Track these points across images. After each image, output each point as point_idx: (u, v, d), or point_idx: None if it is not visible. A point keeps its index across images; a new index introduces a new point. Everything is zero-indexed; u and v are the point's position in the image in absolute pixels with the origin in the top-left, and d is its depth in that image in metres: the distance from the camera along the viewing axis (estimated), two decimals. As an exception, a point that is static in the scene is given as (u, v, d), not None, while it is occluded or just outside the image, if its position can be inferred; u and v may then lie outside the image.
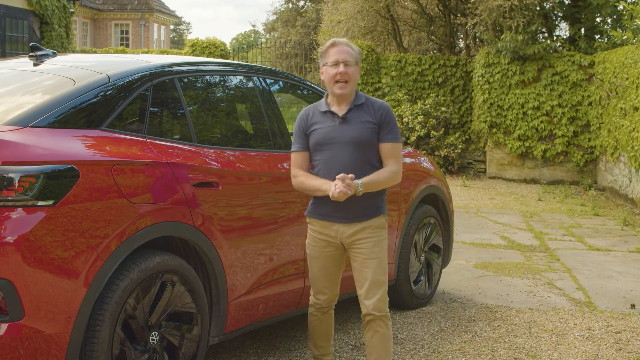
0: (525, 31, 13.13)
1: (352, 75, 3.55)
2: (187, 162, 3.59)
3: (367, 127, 3.55)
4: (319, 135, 3.59)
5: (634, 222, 9.62)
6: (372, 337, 3.56)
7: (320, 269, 3.68)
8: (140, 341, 3.32)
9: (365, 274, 3.55)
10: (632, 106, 10.69)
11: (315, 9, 33.33)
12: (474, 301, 5.72)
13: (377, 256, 3.56)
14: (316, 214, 3.63)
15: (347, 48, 3.58)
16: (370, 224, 3.57)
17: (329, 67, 3.57)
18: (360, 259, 3.56)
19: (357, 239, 3.56)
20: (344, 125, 3.56)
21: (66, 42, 15.25)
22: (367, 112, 3.58)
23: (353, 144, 3.53)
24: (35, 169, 2.93)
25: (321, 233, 3.63)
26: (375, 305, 3.52)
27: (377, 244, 3.57)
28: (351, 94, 3.60)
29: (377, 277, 3.54)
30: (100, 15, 37.18)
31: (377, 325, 3.54)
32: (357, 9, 16.92)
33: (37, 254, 2.89)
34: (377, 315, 3.53)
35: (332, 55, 3.57)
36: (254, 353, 4.40)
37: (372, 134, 3.55)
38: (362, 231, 3.55)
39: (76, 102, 3.30)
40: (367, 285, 3.54)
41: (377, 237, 3.57)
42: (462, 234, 8.51)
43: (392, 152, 3.58)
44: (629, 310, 5.61)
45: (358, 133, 3.53)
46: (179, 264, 3.49)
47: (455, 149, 14.13)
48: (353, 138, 3.53)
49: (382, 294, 3.55)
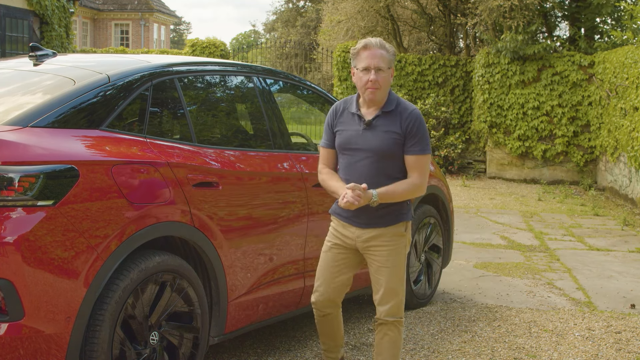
0: (525, 31, 13.13)
1: (384, 81, 3.39)
2: (187, 162, 3.59)
3: (390, 138, 3.39)
4: (343, 138, 3.50)
5: (634, 222, 9.62)
6: (381, 339, 3.52)
7: (324, 265, 3.62)
8: (140, 341, 3.32)
9: (379, 281, 3.48)
10: (632, 106, 10.69)
11: (315, 9, 33.34)
12: (474, 301, 5.72)
13: (392, 264, 3.46)
14: (337, 213, 3.59)
15: (379, 51, 3.39)
16: (387, 232, 3.46)
17: (360, 72, 3.40)
18: (375, 265, 3.49)
19: (371, 245, 3.48)
20: (367, 132, 3.43)
21: (66, 42, 15.25)
22: (394, 120, 3.41)
23: (373, 154, 3.41)
24: (35, 169, 2.93)
25: (339, 232, 3.58)
26: (388, 311, 3.47)
27: (393, 253, 3.47)
28: (383, 98, 3.45)
29: (392, 285, 3.46)
30: (100, 15, 37.19)
31: (388, 329, 3.50)
32: (357, 9, 16.93)
33: (37, 254, 2.89)
34: (389, 321, 3.48)
35: (363, 59, 3.39)
36: (254, 353, 4.40)
37: (395, 145, 3.40)
38: (377, 238, 3.47)
39: (76, 102, 3.30)
40: (381, 293, 3.48)
41: (393, 246, 3.47)
42: (462, 234, 8.51)
43: (417, 164, 3.42)
44: (629, 310, 5.61)
45: (379, 143, 3.40)
46: (179, 264, 3.49)
47: (455, 149, 14.13)
48: (374, 148, 3.40)
49: (396, 301, 3.48)
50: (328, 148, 3.61)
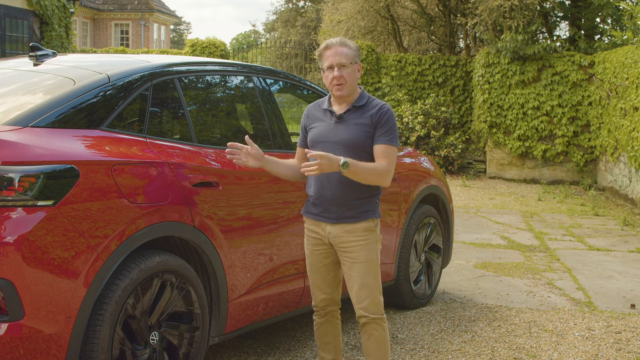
0: (525, 31, 13.13)
1: (348, 76, 3.44)
2: (187, 162, 3.59)
3: (361, 130, 3.45)
4: (314, 133, 3.56)
5: (634, 222, 9.62)
6: (368, 340, 3.52)
7: (314, 269, 3.63)
8: (140, 341, 3.32)
9: (353, 277, 3.49)
10: (632, 106, 10.69)
11: (315, 9, 33.34)
12: (474, 301, 5.72)
13: (365, 260, 3.46)
14: (308, 212, 3.60)
15: (340, 49, 3.46)
16: (358, 227, 3.47)
17: (326, 71, 3.49)
18: (348, 262, 3.49)
19: (343, 241, 3.48)
20: (338, 125, 3.49)
21: (66, 42, 15.25)
22: (364, 114, 3.47)
23: (344, 146, 3.44)
24: (35, 169, 2.93)
25: (312, 231, 3.60)
26: (367, 308, 3.47)
27: (365, 248, 3.47)
28: (351, 93, 3.51)
29: (366, 280, 3.46)
30: (100, 15, 37.18)
31: (372, 328, 3.49)
32: (357, 9, 16.93)
33: (37, 254, 2.89)
34: (370, 318, 3.47)
35: (326, 59, 3.47)
36: (254, 353, 4.40)
37: (365, 137, 3.44)
38: (348, 234, 3.47)
39: (76, 102, 3.30)
40: (355, 289, 3.49)
41: (364, 241, 3.47)
42: (462, 234, 8.51)
43: (385, 153, 3.41)
44: (629, 310, 5.61)
45: (350, 135, 3.45)
46: (179, 264, 3.49)
47: (455, 149, 14.13)
48: (344, 139, 3.45)
49: (373, 297, 3.48)
50: (301, 147, 3.68)
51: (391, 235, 5.03)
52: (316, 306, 3.68)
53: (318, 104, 3.65)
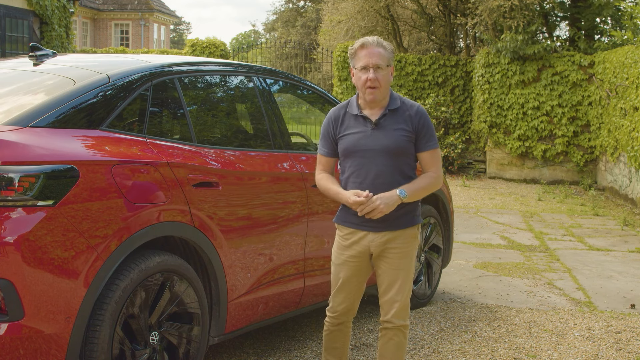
0: (525, 31, 13.13)
1: (383, 79, 3.31)
2: (187, 162, 3.59)
3: (401, 135, 3.32)
4: (349, 141, 3.38)
5: (634, 222, 9.62)
6: (386, 344, 3.44)
7: (342, 279, 3.48)
8: (140, 341, 3.32)
9: (392, 283, 3.39)
10: (632, 106, 10.69)
11: (315, 9, 33.34)
12: (474, 301, 5.72)
13: (405, 267, 3.40)
14: (345, 221, 3.44)
15: (377, 50, 3.31)
16: (402, 234, 3.38)
17: (359, 72, 3.33)
18: (388, 268, 3.40)
19: (386, 248, 3.38)
20: (376, 132, 3.34)
21: (66, 42, 15.25)
22: (402, 118, 3.35)
23: (385, 153, 3.31)
24: (35, 169, 2.93)
25: (349, 241, 3.43)
26: (395, 315, 3.40)
27: (407, 255, 3.40)
28: (384, 97, 3.38)
29: (402, 288, 3.39)
30: (100, 15, 37.19)
31: (393, 334, 3.42)
32: (357, 9, 16.93)
33: (37, 254, 2.89)
34: (395, 325, 3.40)
35: (361, 58, 3.32)
36: (254, 353, 4.40)
37: (407, 142, 3.34)
38: (392, 240, 3.38)
39: (76, 102, 3.30)
40: (390, 295, 3.40)
41: (407, 248, 3.39)
42: (462, 234, 8.51)
43: (433, 159, 3.40)
44: (629, 310, 5.61)
45: (391, 141, 3.31)
46: (179, 264, 3.49)
47: (455, 149, 14.13)
48: (386, 146, 3.31)
49: (404, 305, 3.40)
50: (328, 157, 3.51)
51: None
52: (334, 312, 3.55)
53: (345, 109, 3.47)
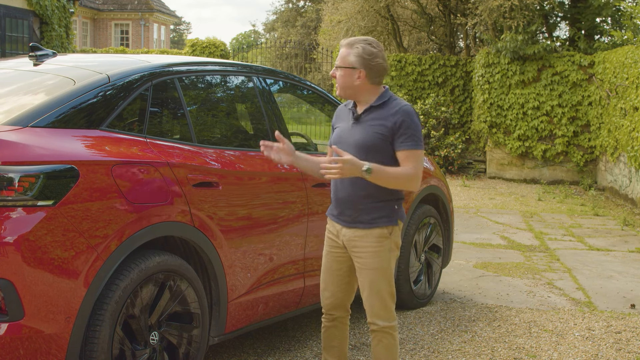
0: (525, 31, 13.13)
1: (340, 79, 3.34)
2: (187, 162, 3.59)
3: (375, 132, 3.30)
4: (336, 134, 3.48)
5: (634, 222, 9.62)
6: (376, 346, 3.46)
7: (326, 269, 3.56)
8: (140, 341, 3.32)
9: (363, 284, 3.42)
10: (632, 106, 10.69)
11: (315, 9, 33.34)
12: (474, 301, 5.72)
13: (376, 267, 3.37)
14: (330, 213, 3.54)
15: (342, 51, 3.35)
16: (371, 233, 3.36)
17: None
18: (359, 266, 3.42)
19: (356, 246, 3.40)
20: (355, 126, 3.38)
21: (66, 42, 15.25)
22: (382, 114, 3.32)
23: (358, 148, 3.32)
24: (35, 169, 2.93)
25: (331, 233, 3.53)
26: (376, 316, 3.41)
27: (377, 254, 3.37)
28: (352, 96, 3.40)
29: (376, 288, 3.38)
30: (100, 15, 37.19)
31: (381, 335, 3.43)
32: (357, 9, 16.93)
33: (37, 254, 2.89)
34: (380, 326, 3.41)
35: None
36: (254, 353, 4.40)
37: (379, 140, 3.30)
38: (361, 239, 3.38)
39: (76, 102, 3.30)
40: (365, 296, 3.43)
41: (376, 247, 3.35)
42: (462, 234, 8.51)
43: (408, 160, 3.27)
44: (629, 310, 5.61)
45: (363, 137, 3.32)
46: (179, 264, 3.49)
47: (455, 149, 14.13)
48: (357, 141, 3.34)
49: (382, 305, 3.40)
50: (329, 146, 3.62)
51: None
52: (324, 306, 3.60)
53: (348, 103, 3.53)
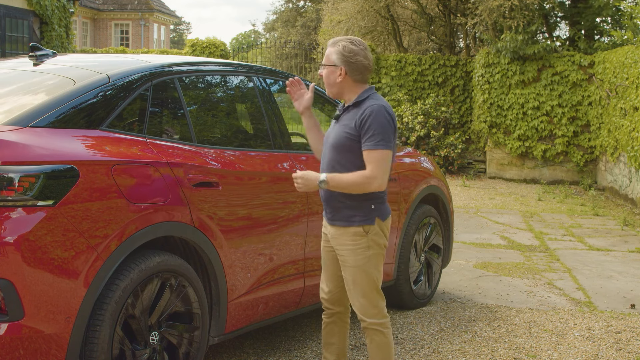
0: (525, 31, 13.13)
1: (325, 77, 3.44)
2: (187, 162, 3.59)
3: (344, 132, 3.36)
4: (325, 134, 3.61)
5: (634, 222, 9.62)
6: (370, 344, 3.50)
7: (323, 265, 3.66)
8: (140, 341, 3.32)
9: (347, 279, 3.47)
10: (632, 106, 10.69)
11: (315, 9, 33.35)
12: (474, 301, 5.72)
13: (355, 264, 3.39)
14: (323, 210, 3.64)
15: (327, 50, 3.45)
16: (347, 232, 3.40)
17: None
18: (341, 264, 3.48)
19: (336, 243, 3.46)
20: (334, 126, 3.48)
21: (66, 42, 15.24)
22: (354, 114, 3.37)
23: (332, 147, 3.43)
24: (35, 169, 2.93)
25: (324, 228, 3.63)
26: (361, 312, 3.44)
27: (355, 253, 3.39)
28: (338, 95, 3.47)
29: (357, 285, 3.41)
30: (100, 15, 37.18)
31: (372, 333, 3.46)
32: (357, 9, 16.93)
33: (37, 254, 2.89)
34: (367, 322, 3.44)
35: None
36: (254, 353, 4.40)
37: (347, 139, 3.34)
38: (340, 237, 3.43)
39: (76, 102, 3.30)
40: (349, 291, 3.48)
41: (353, 245, 3.39)
42: (462, 234, 8.51)
43: (370, 159, 3.28)
44: (629, 310, 5.61)
45: (336, 137, 3.40)
46: (179, 264, 3.49)
47: (455, 149, 14.13)
48: (332, 142, 3.43)
49: (366, 302, 3.42)
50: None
51: (391, 235, 5.03)
52: (324, 301, 3.68)
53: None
